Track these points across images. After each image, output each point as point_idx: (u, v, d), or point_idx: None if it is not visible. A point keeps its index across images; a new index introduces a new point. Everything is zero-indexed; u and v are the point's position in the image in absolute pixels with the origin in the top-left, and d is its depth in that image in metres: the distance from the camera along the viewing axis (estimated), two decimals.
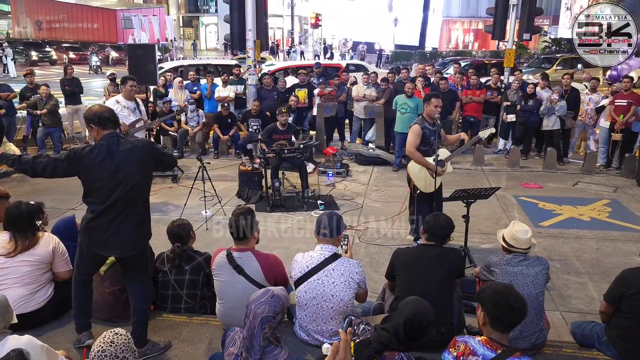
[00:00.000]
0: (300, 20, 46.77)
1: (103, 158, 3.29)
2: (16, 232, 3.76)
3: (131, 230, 3.39)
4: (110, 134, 3.38)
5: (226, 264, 3.59)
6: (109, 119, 3.41)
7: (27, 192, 7.93)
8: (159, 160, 3.56)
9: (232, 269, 3.57)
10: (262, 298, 2.73)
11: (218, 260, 3.64)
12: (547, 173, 9.43)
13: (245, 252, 3.62)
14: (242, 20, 10.46)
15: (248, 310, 2.73)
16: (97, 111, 3.43)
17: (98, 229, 3.34)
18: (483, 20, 36.03)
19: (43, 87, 10.12)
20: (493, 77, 11.02)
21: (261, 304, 2.70)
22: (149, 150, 3.47)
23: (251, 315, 2.69)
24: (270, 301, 2.72)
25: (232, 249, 3.66)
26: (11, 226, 3.80)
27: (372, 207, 7.55)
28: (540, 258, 3.68)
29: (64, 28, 40.38)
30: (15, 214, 3.77)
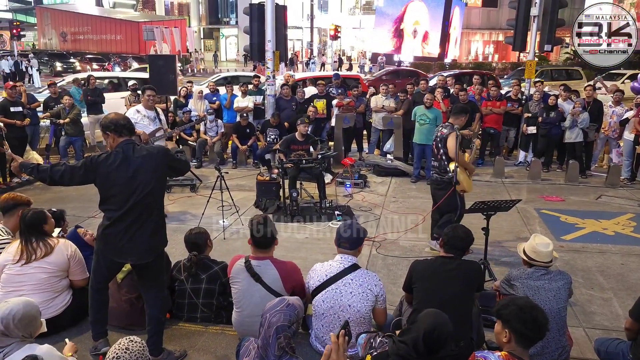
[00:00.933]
0: (319, 32, 47.06)
1: (119, 164, 3.32)
2: (25, 239, 3.81)
3: (147, 236, 3.40)
4: (126, 141, 3.42)
5: (244, 272, 3.58)
6: (125, 126, 3.46)
7: (49, 199, 8.04)
8: (172, 167, 3.59)
9: (249, 277, 3.55)
10: (277, 307, 2.71)
11: (236, 268, 3.63)
12: (569, 186, 9.26)
13: (264, 261, 3.60)
14: (261, 32, 10.56)
15: (263, 319, 2.70)
16: (112, 119, 3.47)
17: (114, 236, 3.36)
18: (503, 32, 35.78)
19: (66, 96, 10.30)
20: (513, 89, 10.92)
21: (276, 313, 2.67)
22: (164, 157, 3.49)
23: (266, 324, 2.66)
24: (285, 310, 2.69)
25: (250, 257, 3.64)
26: (21, 233, 3.87)
27: (390, 219, 7.48)
28: (562, 272, 3.60)
29: (88, 40, 41.27)
30: (23, 222, 3.83)
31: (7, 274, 3.76)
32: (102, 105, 11.54)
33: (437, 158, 5.95)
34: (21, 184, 9.07)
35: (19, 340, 2.58)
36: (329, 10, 48.42)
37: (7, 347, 2.54)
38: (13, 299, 2.73)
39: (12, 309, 2.58)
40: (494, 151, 10.89)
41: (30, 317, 2.66)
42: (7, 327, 2.55)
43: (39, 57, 33.17)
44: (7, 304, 2.63)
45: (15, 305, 2.62)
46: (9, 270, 3.75)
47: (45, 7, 48.20)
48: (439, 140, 5.91)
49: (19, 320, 2.58)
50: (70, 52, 37.84)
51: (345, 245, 3.50)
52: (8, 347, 2.54)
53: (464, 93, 10.26)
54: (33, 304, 2.76)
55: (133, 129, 3.59)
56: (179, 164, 3.67)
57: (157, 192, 3.45)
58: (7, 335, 2.56)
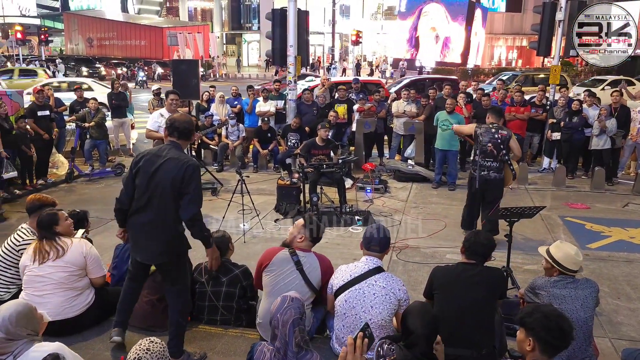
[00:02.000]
0: (341, 38, 47.15)
1: (148, 159, 3.43)
2: (40, 239, 3.90)
3: (161, 238, 3.42)
4: (170, 142, 3.51)
5: (288, 259, 3.69)
6: (177, 128, 3.49)
7: (74, 201, 8.17)
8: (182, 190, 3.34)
9: (292, 265, 3.66)
10: (284, 305, 2.75)
11: (280, 256, 3.72)
12: (595, 193, 9.07)
13: (309, 253, 3.76)
14: (283, 37, 10.60)
15: (274, 321, 2.73)
16: (171, 117, 3.58)
17: (133, 231, 3.51)
18: (527, 37, 35.41)
19: (92, 100, 10.49)
20: (538, 94, 10.77)
21: (286, 310, 2.72)
22: (185, 171, 3.32)
23: (280, 324, 2.69)
24: (292, 304, 2.75)
25: (295, 248, 3.76)
26: (38, 234, 3.96)
27: (410, 224, 7.42)
28: (589, 280, 3.50)
29: (114, 45, 42.03)
30: (37, 223, 3.92)
31: (28, 275, 3.83)
32: (125, 110, 11.72)
33: (498, 158, 6.28)
34: (46, 185, 9.24)
35: (27, 341, 2.58)
36: (350, 15, 48.49)
37: (16, 350, 2.54)
38: (2, 305, 2.70)
39: (3, 315, 2.55)
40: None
41: (26, 314, 2.64)
42: (7, 331, 2.53)
43: (66, 62, 33.92)
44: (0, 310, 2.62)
45: (5, 310, 2.59)
46: (29, 271, 3.82)
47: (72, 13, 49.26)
48: (500, 141, 6.25)
49: (17, 321, 2.56)
50: (96, 57, 38.57)
51: (376, 248, 3.51)
52: (17, 349, 2.54)
53: (486, 98, 10.15)
54: (22, 302, 2.75)
55: (186, 132, 3.51)
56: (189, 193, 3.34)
57: (173, 196, 3.37)
58: (12, 339, 2.54)
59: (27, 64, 28.70)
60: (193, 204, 3.35)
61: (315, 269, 3.70)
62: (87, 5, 53.24)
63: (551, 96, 11.10)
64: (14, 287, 4.17)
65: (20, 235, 4.26)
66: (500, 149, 6.26)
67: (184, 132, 3.51)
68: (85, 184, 9.61)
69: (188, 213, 3.35)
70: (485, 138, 6.33)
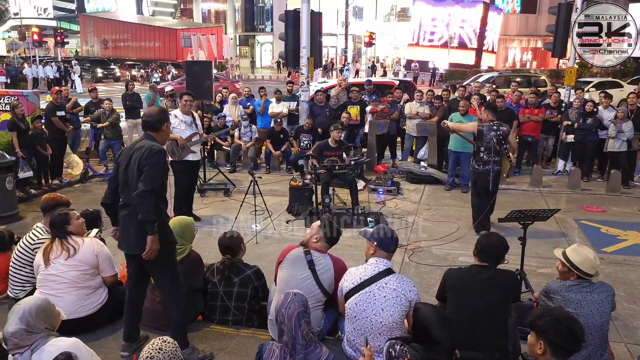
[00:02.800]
0: (354, 39, 47.13)
1: (123, 155, 3.59)
2: (52, 238, 3.95)
3: (136, 225, 3.43)
4: (145, 134, 3.63)
5: (302, 258, 3.71)
6: (146, 121, 3.64)
7: (89, 201, 8.24)
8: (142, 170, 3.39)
9: (305, 263, 3.67)
10: (287, 300, 2.80)
11: (294, 254, 3.76)
12: (610, 196, 8.96)
13: (324, 254, 3.78)
14: (296, 38, 10.62)
15: (280, 317, 2.77)
16: (144, 112, 3.76)
17: (120, 223, 3.61)
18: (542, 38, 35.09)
19: (106, 101, 10.58)
20: (553, 96, 10.67)
21: (289, 304, 2.76)
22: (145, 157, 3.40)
23: (285, 319, 2.74)
24: (295, 298, 2.80)
25: (311, 247, 3.78)
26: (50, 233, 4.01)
27: (423, 226, 7.38)
28: (605, 284, 3.44)
29: (128, 47, 42.45)
30: (49, 222, 3.97)
31: (42, 274, 3.88)
32: (139, 110, 11.81)
33: (500, 152, 6.68)
34: (61, 185, 9.35)
35: (44, 335, 2.64)
36: (363, 17, 48.46)
37: (34, 344, 2.60)
38: (21, 300, 2.80)
39: (24, 307, 2.65)
40: (532, 160, 10.64)
41: (45, 308, 2.72)
42: (28, 324, 2.60)
43: (81, 63, 34.29)
44: (19, 304, 2.70)
45: (25, 303, 2.69)
46: (43, 270, 3.86)
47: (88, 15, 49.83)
48: (502, 137, 6.64)
49: (36, 314, 2.64)
50: (111, 59, 38.96)
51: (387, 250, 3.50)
52: (34, 343, 2.60)
53: (501, 100, 10.07)
54: (42, 297, 2.85)
55: (154, 124, 3.62)
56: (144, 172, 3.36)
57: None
58: (32, 332, 2.61)
59: (44, 65, 29.06)
60: (144, 182, 3.34)
61: (328, 271, 3.70)
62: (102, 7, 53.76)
63: (566, 98, 10.98)
64: (29, 286, 4.22)
65: (35, 234, 4.31)
66: (502, 144, 6.65)
67: (152, 124, 3.61)
68: (100, 184, 9.70)
69: (137, 190, 3.33)
70: (489, 135, 6.63)
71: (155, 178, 3.39)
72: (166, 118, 3.71)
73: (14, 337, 2.58)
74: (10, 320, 2.64)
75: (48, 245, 3.91)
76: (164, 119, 3.67)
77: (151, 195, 3.35)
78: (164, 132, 3.69)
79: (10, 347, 2.61)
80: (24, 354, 2.60)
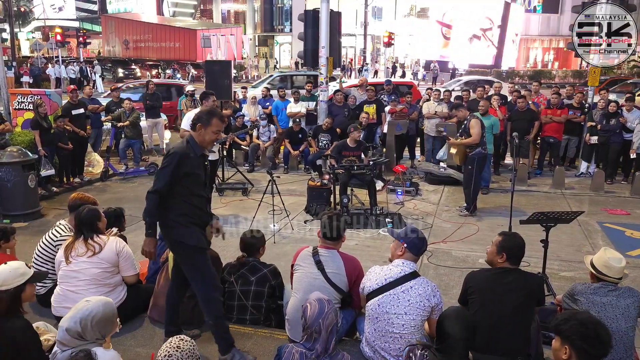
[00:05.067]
0: (373, 40, 46.98)
1: None
2: (76, 235, 3.96)
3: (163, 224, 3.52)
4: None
5: (309, 257, 3.71)
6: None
7: (108, 199, 8.33)
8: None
9: (313, 263, 3.66)
10: (324, 310, 2.74)
11: (303, 254, 3.77)
12: (635, 199, 8.76)
13: (332, 250, 3.73)
14: (315, 38, 10.61)
15: (316, 327, 2.70)
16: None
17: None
18: (564, 39, 34.61)
19: (127, 101, 10.69)
20: (576, 96, 10.48)
21: (327, 315, 2.72)
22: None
23: (323, 329, 2.69)
24: (331, 309, 2.77)
25: (319, 246, 3.77)
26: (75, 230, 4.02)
27: (442, 228, 7.30)
28: (632, 289, 3.34)
29: (149, 47, 42.81)
30: (78, 218, 3.97)
31: (63, 271, 3.91)
32: (159, 110, 11.91)
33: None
34: (82, 183, 9.46)
35: (90, 343, 2.62)
36: (382, 17, 48.27)
37: (76, 347, 2.59)
38: (94, 297, 2.80)
39: (92, 310, 2.63)
40: (554, 161, 10.47)
41: (108, 318, 2.72)
42: (84, 328, 2.60)
43: (102, 64, 34.75)
44: (88, 303, 2.69)
45: (95, 305, 2.67)
46: (65, 266, 3.89)
47: (110, 16, 50.45)
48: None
49: (97, 322, 2.63)
50: (132, 59, 39.39)
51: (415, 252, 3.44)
52: (76, 347, 2.59)
53: (522, 100, 9.92)
54: (112, 305, 2.81)
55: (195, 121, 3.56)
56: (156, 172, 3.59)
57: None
58: (82, 337, 2.61)
59: (66, 66, 29.50)
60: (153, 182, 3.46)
61: (338, 269, 3.66)
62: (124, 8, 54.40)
63: (590, 99, 10.77)
64: (50, 282, 4.26)
65: (58, 231, 4.35)
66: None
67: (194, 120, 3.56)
68: (120, 182, 9.80)
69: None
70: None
71: (160, 179, 3.40)
72: (201, 119, 3.51)
73: (66, 334, 2.60)
74: (72, 315, 2.65)
75: (71, 243, 3.94)
76: (199, 119, 3.52)
77: (152, 195, 3.39)
78: (199, 132, 3.51)
79: (58, 339, 2.64)
80: (64, 353, 2.60)
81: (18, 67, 28.56)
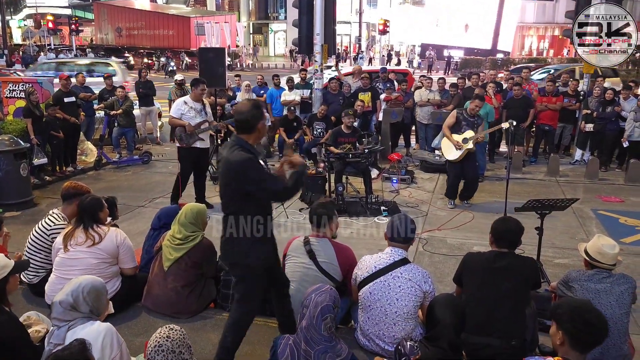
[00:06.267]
0: (368, 27, 46.73)
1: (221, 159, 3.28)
2: (77, 224, 3.93)
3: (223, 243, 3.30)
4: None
5: (301, 247, 3.71)
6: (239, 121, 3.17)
7: (102, 188, 8.28)
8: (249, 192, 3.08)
9: (305, 253, 3.67)
10: (322, 288, 2.76)
11: (294, 244, 3.78)
12: (629, 186, 8.78)
13: (323, 239, 3.73)
14: (310, 25, 10.52)
15: (307, 300, 2.74)
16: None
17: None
18: (560, 26, 34.55)
19: (119, 89, 10.59)
20: (571, 84, 10.46)
21: (322, 293, 2.73)
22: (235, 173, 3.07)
23: (312, 303, 2.70)
24: (330, 292, 2.77)
25: (310, 235, 3.78)
26: (77, 219, 3.99)
27: (437, 216, 7.31)
28: (626, 276, 3.36)
29: (142, 35, 42.41)
30: (81, 206, 3.94)
31: (60, 258, 3.88)
32: (152, 98, 11.81)
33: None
34: (75, 172, 9.40)
35: (85, 316, 2.68)
36: (378, 4, 47.97)
37: (72, 322, 2.65)
38: (83, 276, 2.85)
39: (81, 283, 2.71)
40: (549, 149, 10.46)
41: (98, 292, 2.76)
42: (76, 299, 2.66)
43: (95, 51, 34.43)
44: (77, 279, 2.77)
45: (84, 279, 2.76)
46: (62, 254, 3.86)
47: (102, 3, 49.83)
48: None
49: (88, 293, 2.69)
50: (125, 47, 39.03)
51: (401, 239, 3.43)
52: (73, 321, 2.65)
53: (518, 88, 9.89)
54: (100, 281, 2.87)
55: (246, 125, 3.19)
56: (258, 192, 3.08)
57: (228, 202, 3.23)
58: (76, 309, 2.66)
59: (57, 54, 29.20)
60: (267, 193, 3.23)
61: (329, 258, 3.66)
62: None
63: (585, 86, 10.76)
64: (43, 271, 4.23)
65: (51, 220, 4.31)
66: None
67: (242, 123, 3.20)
68: (113, 171, 9.73)
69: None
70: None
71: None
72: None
73: (59, 306, 2.64)
74: (65, 289, 2.72)
75: (71, 231, 3.91)
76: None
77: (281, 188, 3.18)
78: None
79: (54, 315, 2.68)
80: (61, 329, 2.65)
81: (10, 55, 28.26)
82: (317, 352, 2.68)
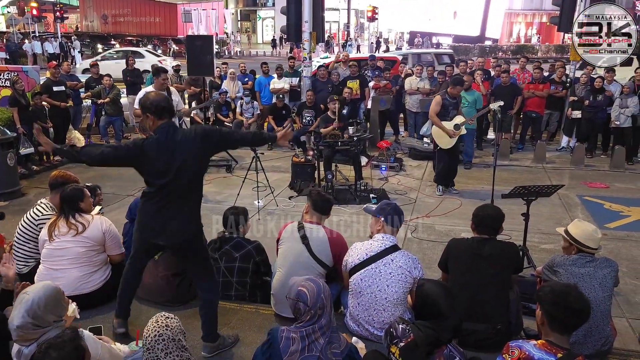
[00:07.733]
0: (356, 14, 46.46)
1: (159, 148, 3.14)
2: (60, 214, 3.91)
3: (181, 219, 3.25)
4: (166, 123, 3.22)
5: (294, 232, 3.74)
6: (165, 108, 3.21)
7: (91, 177, 8.19)
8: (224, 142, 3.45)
9: (298, 238, 3.69)
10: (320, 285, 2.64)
11: (288, 229, 3.81)
12: (614, 172, 8.91)
13: (317, 225, 3.77)
14: (298, 12, 10.46)
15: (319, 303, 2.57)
16: (154, 100, 3.22)
17: (150, 216, 3.28)
18: (547, 14, 34.59)
19: (106, 77, 10.50)
20: (558, 71, 10.54)
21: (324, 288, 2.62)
22: (207, 135, 3.25)
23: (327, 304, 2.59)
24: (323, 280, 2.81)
25: (304, 221, 3.81)
26: (60, 209, 3.96)
27: (425, 203, 7.37)
28: (609, 260, 3.43)
29: (128, 22, 41.78)
30: (61, 197, 3.91)
31: (47, 249, 3.86)
32: (140, 86, 11.72)
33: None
34: (62, 162, 9.31)
35: (52, 328, 2.53)
36: None
37: (42, 337, 2.49)
38: (30, 287, 2.64)
39: (32, 298, 2.49)
40: (535, 135, 10.56)
41: (55, 298, 2.59)
42: (35, 317, 2.48)
43: (81, 39, 33.92)
44: (26, 295, 2.54)
45: (34, 293, 2.53)
46: (49, 245, 3.85)
47: None
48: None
49: (45, 305, 2.51)
50: (111, 34, 38.51)
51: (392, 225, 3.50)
52: (42, 337, 2.49)
53: (505, 75, 9.94)
54: (51, 286, 2.65)
55: (173, 110, 3.38)
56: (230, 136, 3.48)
57: (196, 175, 3.29)
58: (39, 325, 2.50)
59: (42, 42, 28.74)
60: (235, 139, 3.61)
61: (322, 243, 3.70)
62: None
63: (571, 73, 10.84)
64: (32, 261, 4.23)
65: (39, 210, 4.29)
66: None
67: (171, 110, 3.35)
68: None
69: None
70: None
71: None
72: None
73: (21, 331, 2.46)
74: (17, 310, 2.48)
75: (54, 221, 3.90)
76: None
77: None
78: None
79: (16, 338, 2.51)
80: (30, 347, 2.48)
81: None
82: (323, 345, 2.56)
